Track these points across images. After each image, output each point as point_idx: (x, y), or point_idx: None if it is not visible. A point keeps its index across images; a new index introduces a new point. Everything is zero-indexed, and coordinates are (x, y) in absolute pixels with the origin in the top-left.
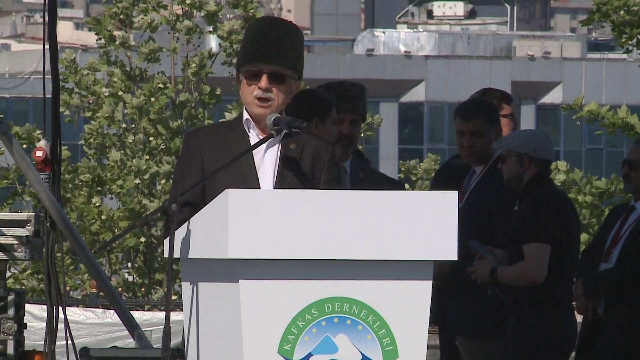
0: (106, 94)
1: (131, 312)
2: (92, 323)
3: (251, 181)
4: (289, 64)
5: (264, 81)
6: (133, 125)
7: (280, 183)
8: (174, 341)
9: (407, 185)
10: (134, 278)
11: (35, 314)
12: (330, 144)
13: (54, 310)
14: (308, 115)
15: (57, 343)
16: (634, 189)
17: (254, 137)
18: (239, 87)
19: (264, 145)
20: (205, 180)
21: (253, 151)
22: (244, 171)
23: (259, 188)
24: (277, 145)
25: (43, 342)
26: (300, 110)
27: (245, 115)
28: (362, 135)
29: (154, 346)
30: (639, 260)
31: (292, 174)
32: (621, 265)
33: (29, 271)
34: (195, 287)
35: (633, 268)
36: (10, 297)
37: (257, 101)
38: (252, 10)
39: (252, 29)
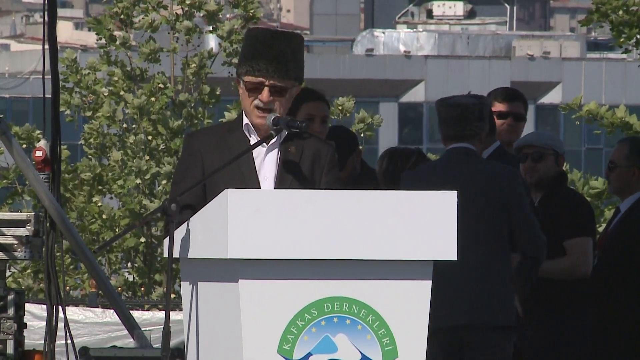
0: (106, 94)
1: (131, 312)
2: (91, 322)
3: (252, 185)
4: (290, 75)
5: (265, 94)
6: (134, 125)
7: (280, 186)
8: (174, 341)
9: None
10: (133, 278)
11: (35, 313)
12: (330, 145)
13: (54, 310)
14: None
15: (57, 342)
16: (614, 189)
17: (254, 141)
18: (239, 92)
19: (264, 150)
20: (203, 180)
21: (254, 155)
22: (245, 175)
23: None
24: (277, 149)
25: (43, 342)
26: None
27: (245, 120)
28: (361, 135)
29: (154, 346)
30: (614, 263)
31: (292, 177)
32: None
33: (28, 270)
34: (194, 287)
35: (602, 270)
36: (10, 297)
37: (257, 111)
38: (252, 11)
39: (252, 39)
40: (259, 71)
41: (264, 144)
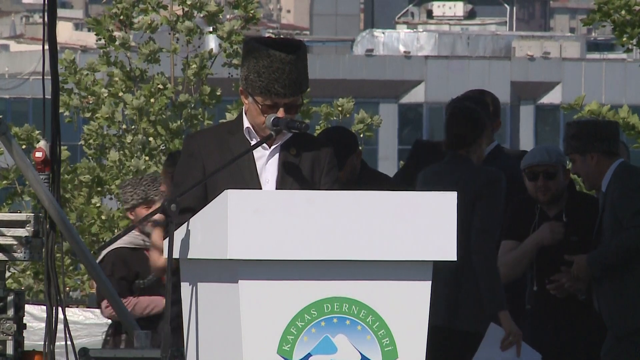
0: (105, 94)
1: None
2: (91, 323)
3: (253, 187)
4: (303, 89)
5: (281, 113)
6: (133, 127)
7: (281, 188)
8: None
9: None
10: None
11: (35, 314)
12: (329, 146)
13: (54, 311)
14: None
15: (57, 343)
16: None
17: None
18: (243, 102)
19: (267, 153)
20: (204, 181)
21: (255, 159)
22: (246, 178)
23: None
24: (278, 152)
25: (42, 343)
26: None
27: (246, 124)
28: (361, 135)
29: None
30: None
31: (293, 179)
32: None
33: (28, 272)
34: (194, 288)
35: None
36: (10, 298)
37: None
38: (252, 11)
39: (265, 59)
40: (276, 95)
41: (266, 146)
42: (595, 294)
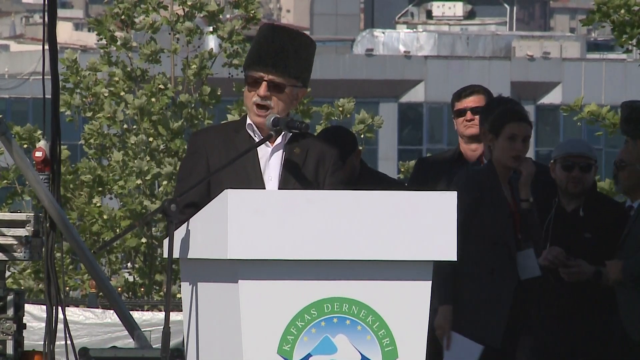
0: (106, 94)
1: (131, 313)
2: (91, 323)
3: (257, 185)
4: (291, 72)
5: (262, 89)
6: (135, 127)
7: (284, 187)
8: (174, 341)
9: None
10: (134, 278)
11: (35, 314)
12: (335, 148)
13: (54, 311)
14: None
15: (57, 343)
16: (623, 189)
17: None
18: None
19: (269, 150)
20: (206, 179)
21: (259, 155)
22: (250, 174)
23: None
24: (282, 150)
25: (42, 342)
26: None
27: (249, 120)
28: (362, 136)
29: (154, 346)
30: None
31: (296, 178)
32: None
33: (28, 270)
34: (194, 288)
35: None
36: (10, 297)
37: (256, 108)
38: (252, 11)
39: (259, 33)
40: (259, 65)
41: (269, 144)
42: (618, 299)
